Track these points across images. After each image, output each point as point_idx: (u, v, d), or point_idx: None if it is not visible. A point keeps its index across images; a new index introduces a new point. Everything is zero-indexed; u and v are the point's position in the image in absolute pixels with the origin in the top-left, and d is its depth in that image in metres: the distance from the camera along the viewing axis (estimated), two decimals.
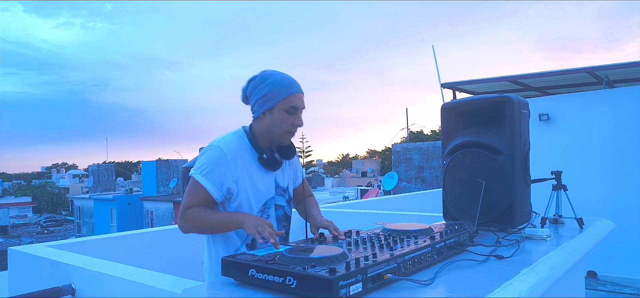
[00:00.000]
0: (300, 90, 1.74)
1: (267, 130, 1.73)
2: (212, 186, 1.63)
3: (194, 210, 1.64)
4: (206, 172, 1.64)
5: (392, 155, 18.78)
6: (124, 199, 25.71)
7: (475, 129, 2.27)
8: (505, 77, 5.89)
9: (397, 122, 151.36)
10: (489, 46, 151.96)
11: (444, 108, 2.41)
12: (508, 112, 2.16)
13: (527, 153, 2.25)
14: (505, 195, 2.16)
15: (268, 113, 1.70)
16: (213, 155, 1.65)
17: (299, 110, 1.73)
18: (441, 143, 2.45)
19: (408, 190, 17.26)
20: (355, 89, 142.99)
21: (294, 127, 1.73)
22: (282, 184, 1.83)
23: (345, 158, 76.80)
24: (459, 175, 2.32)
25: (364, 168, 52.54)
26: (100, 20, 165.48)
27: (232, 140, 1.71)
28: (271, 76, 1.71)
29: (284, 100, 1.69)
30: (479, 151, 2.22)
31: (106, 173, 32.02)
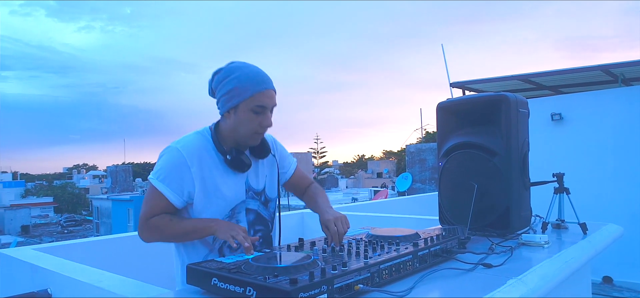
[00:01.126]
0: (269, 87, 1.58)
1: (232, 130, 1.59)
2: (171, 192, 1.52)
3: (157, 219, 1.53)
4: (163, 176, 1.53)
5: (406, 156, 18.58)
6: (141, 200, 25.85)
7: (471, 129, 2.17)
8: (516, 76, 5.72)
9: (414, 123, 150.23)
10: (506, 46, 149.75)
11: (439, 107, 2.31)
12: (504, 111, 2.05)
13: (525, 155, 2.14)
14: (501, 198, 2.05)
15: (233, 111, 1.56)
16: (171, 159, 1.54)
17: (268, 109, 1.58)
18: (437, 144, 2.35)
19: (422, 191, 17.03)
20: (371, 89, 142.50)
21: (262, 128, 1.59)
22: (255, 186, 1.69)
23: (361, 159, 76.55)
24: (454, 177, 2.21)
25: (380, 169, 52.23)
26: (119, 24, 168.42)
27: (193, 141, 1.59)
28: (238, 70, 1.56)
29: (251, 98, 1.53)
30: (474, 152, 2.12)
31: (124, 174, 32.49)
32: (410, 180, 17.36)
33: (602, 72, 5.54)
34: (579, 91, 5.89)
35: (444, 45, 7.57)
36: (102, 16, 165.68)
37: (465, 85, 6.10)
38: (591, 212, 2.37)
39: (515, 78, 5.72)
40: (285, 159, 1.85)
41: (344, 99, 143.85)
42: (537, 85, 6.04)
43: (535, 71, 5.76)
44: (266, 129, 1.61)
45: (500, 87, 6.24)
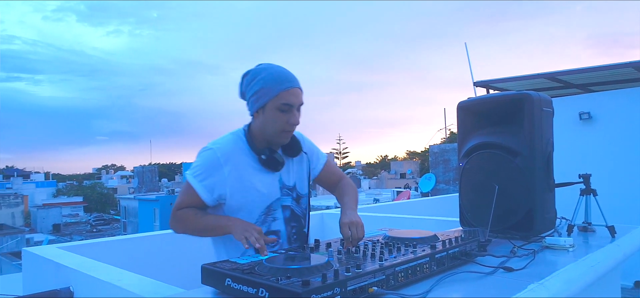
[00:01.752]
0: (295, 85, 1.61)
1: (262, 130, 1.64)
2: (203, 189, 1.59)
3: (185, 211, 1.61)
4: (198, 174, 1.60)
5: (430, 156, 18.36)
6: (166, 199, 26.48)
7: (493, 129, 2.11)
8: (542, 74, 5.57)
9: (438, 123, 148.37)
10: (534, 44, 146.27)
11: (459, 107, 2.27)
12: (527, 110, 1.99)
13: (550, 155, 2.07)
14: (524, 200, 1.99)
15: (261, 111, 1.61)
16: (206, 159, 1.61)
17: (294, 107, 1.61)
18: (458, 144, 2.30)
19: (446, 192, 16.78)
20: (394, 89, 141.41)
21: (290, 126, 1.61)
22: (287, 183, 1.72)
23: (384, 159, 76.05)
24: (475, 178, 2.16)
25: (403, 170, 51.75)
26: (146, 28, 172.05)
27: (228, 143, 1.65)
28: (264, 71, 1.61)
29: (277, 97, 1.57)
30: (496, 153, 2.06)
31: (150, 175, 33.14)
32: (434, 181, 17.14)
33: (633, 69, 5.34)
34: (608, 89, 5.70)
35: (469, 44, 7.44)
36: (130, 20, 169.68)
37: (489, 84, 5.97)
38: (620, 214, 2.28)
39: (541, 76, 5.56)
40: (314, 155, 1.85)
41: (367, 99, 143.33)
42: (565, 84, 5.86)
43: (562, 69, 5.60)
44: (293, 126, 1.63)
45: (525, 85, 6.09)
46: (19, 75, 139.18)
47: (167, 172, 70.92)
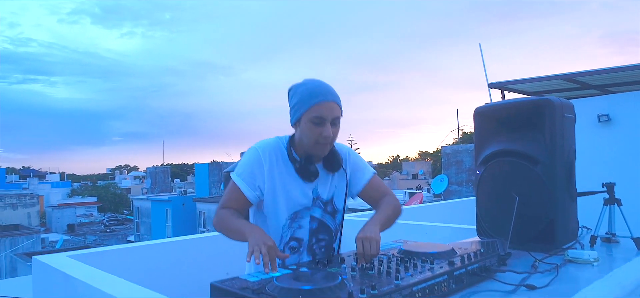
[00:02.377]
0: (329, 99, 1.61)
1: (300, 141, 1.68)
2: (245, 186, 1.64)
3: (224, 211, 1.64)
4: (241, 172, 1.66)
5: (442, 157, 18.18)
6: (179, 200, 26.66)
7: (511, 136, 2.04)
8: (559, 75, 5.43)
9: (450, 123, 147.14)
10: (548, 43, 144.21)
11: (477, 112, 2.19)
12: (548, 116, 1.91)
13: (572, 163, 1.99)
14: (545, 210, 1.91)
15: (298, 124, 1.66)
16: (249, 157, 1.69)
17: (327, 120, 1.60)
18: (475, 151, 2.23)
19: (459, 194, 16.60)
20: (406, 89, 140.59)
21: (323, 138, 1.60)
22: (323, 195, 1.73)
23: (396, 160, 75.69)
24: (493, 187, 2.09)
25: (415, 171, 51.41)
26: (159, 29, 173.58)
27: (271, 145, 1.71)
28: (302, 85, 1.66)
29: (309, 109, 1.60)
30: (516, 160, 1.99)
31: (163, 175, 33.40)
32: (447, 182, 16.97)
33: None
34: (628, 90, 5.54)
35: (482, 44, 7.33)
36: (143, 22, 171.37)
37: (504, 86, 5.85)
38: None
39: (558, 77, 5.43)
40: (358, 171, 1.84)
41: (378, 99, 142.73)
42: (582, 85, 5.72)
43: (580, 69, 5.46)
44: (327, 139, 1.62)
45: (542, 87, 5.95)
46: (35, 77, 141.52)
47: (179, 173, 71.43)
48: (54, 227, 39.24)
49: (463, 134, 48.00)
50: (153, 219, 28.11)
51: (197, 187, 27.86)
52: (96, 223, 47.00)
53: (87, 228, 43.37)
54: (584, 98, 5.55)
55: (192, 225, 25.50)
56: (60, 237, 29.09)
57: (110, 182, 70.19)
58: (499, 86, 5.87)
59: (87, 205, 53.62)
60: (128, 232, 37.39)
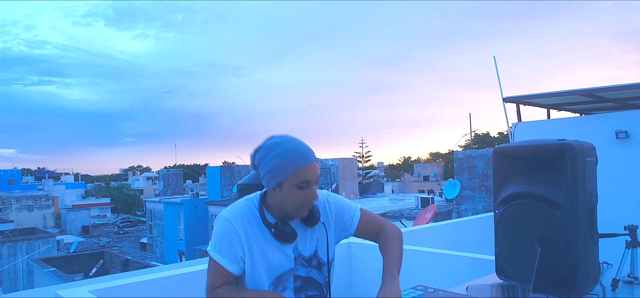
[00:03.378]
0: (311, 160, 1.57)
1: (279, 205, 1.60)
2: (227, 262, 1.57)
3: (221, 290, 1.57)
4: (219, 247, 1.58)
5: (454, 162, 18.06)
6: (191, 203, 26.87)
7: (531, 177, 2.02)
8: (577, 91, 5.37)
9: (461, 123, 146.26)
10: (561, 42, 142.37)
11: (496, 152, 2.18)
12: (569, 161, 1.89)
13: (593, 207, 1.97)
14: (566, 255, 1.89)
15: (278, 188, 1.57)
16: (223, 229, 1.60)
17: (312, 182, 1.57)
18: (493, 189, 2.22)
19: (472, 200, 16.48)
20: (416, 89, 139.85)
21: (309, 201, 1.58)
22: (304, 252, 1.67)
23: (407, 161, 75.39)
24: (513, 228, 2.07)
25: (426, 172, 51.14)
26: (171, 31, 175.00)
27: (242, 211, 1.63)
28: (278, 146, 1.57)
29: (294, 174, 1.53)
30: (536, 203, 1.97)
31: (175, 178, 33.71)
32: (459, 188, 16.85)
33: None
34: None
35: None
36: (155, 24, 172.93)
37: (520, 100, 5.80)
38: None
39: (575, 92, 5.37)
40: (345, 214, 1.78)
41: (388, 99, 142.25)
42: (600, 99, 5.65)
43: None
44: (312, 201, 1.58)
45: (558, 101, 5.89)
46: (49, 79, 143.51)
47: (191, 174, 71.95)
48: (68, 229, 39.83)
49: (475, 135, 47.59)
50: (166, 222, 28.36)
51: (209, 190, 28.06)
52: (110, 224, 47.59)
53: (101, 229, 43.92)
54: (601, 113, 5.48)
55: (204, 228, 25.70)
56: (75, 239, 29.49)
57: (123, 183, 70.99)
58: (514, 100, 5.82)
59: (101, 206, 54.31)
60: (141, 234, 37.78)
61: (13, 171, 59.85)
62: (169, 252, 27.53)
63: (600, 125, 5.23)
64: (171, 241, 27.70)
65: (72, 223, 41.18)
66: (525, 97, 5.68)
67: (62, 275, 10.99)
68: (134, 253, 23.93)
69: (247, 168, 27.78)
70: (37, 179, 70.27)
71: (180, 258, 25.96)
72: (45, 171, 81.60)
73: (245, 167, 27.50)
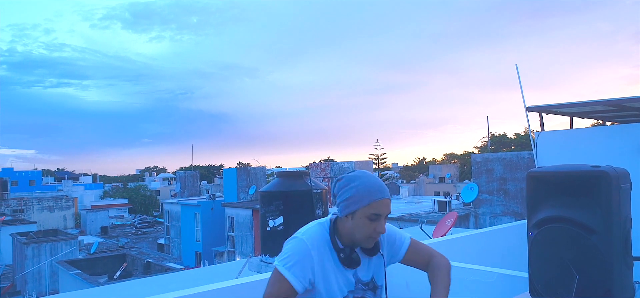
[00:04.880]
0: (385, 197, 1.70)
1: (350, 232, 1.73)
2: (295, 279, 1.66)
3: None
4: (290, 264, 1.67)
5: (472, 165, 17.96)
6: (207, 205, 27.15)
7: (565, 201, 2.07)
8: (602, 101, 5.35)
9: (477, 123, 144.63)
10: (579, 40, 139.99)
11: (530, 176, 2.24)
12: (604, 188, 1.94)
13: (628, 232, 2.01)
14: (601, 280, 1.94)
15: (350, 216, 1.70)
16: (297, 248, 1.70)
17: (382, 216, 1.70)
18: (526, 211, 2.27)
19: (489, 203, 16.37)
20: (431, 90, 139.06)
21: (376, 233, 1.71)
22: (363, 278, 1.80)
23: (422, 162, 74.90)
24: (547, 250, 2.13)
25: (442, 174, 50.80)
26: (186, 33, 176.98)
27: (316, 234, 1.75)
28: (357, 179, 1.71)
29: (367, 206, 1.67)
30: (570, 228, 2.02)
31: (192, 179, 34.09)
32: (477, 191, 16.74)
33: None
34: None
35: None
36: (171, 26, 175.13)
37: (543, 110, 5.80)
38: None
39: (600, 103, 5.35)
40: (396, 241, 1.92)
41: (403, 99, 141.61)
42: (626, 108, 5.62)
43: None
44: (379, 234, 1.71)
45: (583, 110, 5.87)
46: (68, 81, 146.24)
47: (206, 175, 72.54)
48: (88, 229, 40.54)
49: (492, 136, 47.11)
50: (183, 223, 28.72)
51: (225, 192, 28.34)
52: (128, 225, 48.28)
53: (119, 230, 44.59)
54: (628, 123, 5.45)
55: (220, 229, 25.95)
56: (95, 240, 30.04)
57: (140, 184, 71.92)
58: (538, 110, 5.81)
59: (119, 206, 55.13)
60: (158, 235, 38.27)
61: (33, 172, 61.09)
62: (186, 253, 27.86)
63: (626, 135, 5.21)
64: (188, 242, 28.04)
65: (91, 224, 41.91)
66: (549, 107, 5.67)
67: (86, 277, 11.25)
68: (153, 254, 24.27)
69: (263, 169, 27.98)
70: (56, 180, 71.60)
71: (198, 259, 26.25)
72: (65, 172, 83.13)
73: (260, 169, 27.68)
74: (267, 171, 29.64)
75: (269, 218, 5.56)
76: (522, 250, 2.29)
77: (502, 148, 42.66)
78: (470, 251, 3.99)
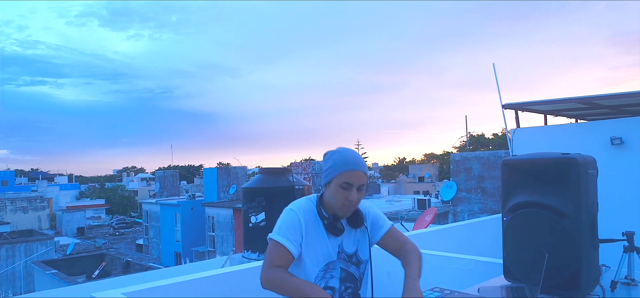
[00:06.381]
0: (358, 168, 1.84)
1: (328, 201, 1.90)
2: (289, 243, 1.82)
3: (276, 271, 1.78)
4: (283, 231, 1.85)
5: (451, 164, 18.29)
6: (187, 205, 26.89)
7: (537, 188, 2.19)
8: (573, 98, 5.56)
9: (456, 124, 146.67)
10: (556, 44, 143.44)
11: (504, 163, 2.35)
12: (573, 173, 2.07)
13: (594, 216, 2.15)
14: (570, 260, 2.07)
15: (328, 185, 1.88)
16: (288, 217, 1.89)
17: (353, 186, 1.83)
18: (501, 197, 2.39)
19: (468, 201, 16.71)
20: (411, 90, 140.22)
21: (348, 201, 1.84)
22: (348, 250, 1.94)
23: (402, 162, 75.61)
24: (520, 234, 2.25)
25: (421, 174, 51.43)
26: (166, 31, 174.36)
27: (304, 205, 1.94)
28: (337, 153, 1.89)
29: (339, 175, 1.83)
30: (542, 212, 2.14)
31: (171, 179, 33.70)
32: (455, 189, 17.06)
33: None
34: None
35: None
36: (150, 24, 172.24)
37: (519, 107, 5.99)
38: None
39: (572, 100, 5.56)
40: (377, 223, 2.04)
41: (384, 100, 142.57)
42: (596, 106, 5.85)
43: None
44: (352, 203, 1.84)
45: (556, 108, 6.08)
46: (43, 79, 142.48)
47: (186, 175, 71.74)
48: (64, 230, 39.65)
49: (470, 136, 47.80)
50: (162, 223, 28.37)
51: (205, 191, 28.10)
52: (105, 226, 47.41)
53: (97, 231, 43.75)
54: (597, 120, 5.68)
55: (200, 229, 25.75)
56: (72, 240, 29.41)
57: (118, 184, 70.69)
58: (513, 107, 6.00)
59: (96, 207, 54.08)
60: (137, 236, 37.71)
61: (6, 172, 59.45)
62: (166, 254, 27.53)
63: (596, 131, 5.43)
64: (168, 243, 27.71)
65: (67, 224, 40.99)
66: (524, 104, 5.87)
67: (64, 277, 11.06)
68: (132, 254, 23.93)
69: (243, 169, 27.87)
70: (30, 180, 69.81)
71: (177, 259, 25.99)
72: (39, 172, 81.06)
73: (241, 169, 27.58)
74: (248, 171, 29.54)
75: (251, 214, 5.60)
76: (498, 240, 2.40)
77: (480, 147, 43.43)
78: (450, 242, 4.11)
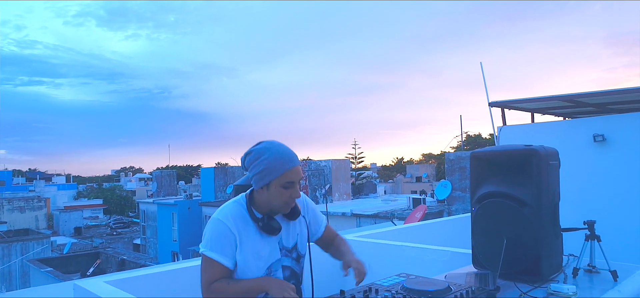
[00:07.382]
0: (296, 164, 1.81)
1: (266, 202, 1.82)
2: (223, 257, 1.75)
3: (218, 284, 1.73)
4: (213, 246, 1.76)
5: (446, 164, 18.38)
6: (185, 204, 26.96)
7: (503, 178, 2.28)
8: (558, 96, 5.66)
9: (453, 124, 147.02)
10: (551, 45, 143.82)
11: (473, 156, 2.44)
12: (535, 164, 2.16)
13: (556, 205, 2.24)
14: (531, 247, 2.15)
15: (266, 188, 1.79)
16: (216, 228, 1.78)
17: (296, 183, 1.80)
18: (470, 189, 2.48)
19: (462, 200, 16.82)
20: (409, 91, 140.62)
21: (292, 200, 1.82)
22: (287, 245, 1.90)
23: (400, 162, 75.76)
24: (487, 223, 2.34)
25: (419, 173, 51.59)
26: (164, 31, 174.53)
27: (231, 210, 1.83)
28: (267, 151, 1.79)
29: (281, 176, 1.76)
30: (506, 202, 2.23)
31: (168, 179, 33.74)
32: (450, 188, 17.18)
33: None
34: (626, 109, 5.76)
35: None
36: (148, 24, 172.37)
37: (505, 105, 6.09)
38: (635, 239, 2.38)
39: (556, 98, 5.66)
40: (317, 219, 2.07)
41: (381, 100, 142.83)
42: (580, 104, 5.95)
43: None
44: (295, 200, 1.84)
45: (542, 105, 6.18)
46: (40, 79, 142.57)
47: (184, 175, 71.73)
48: (61, 230, 39.67)
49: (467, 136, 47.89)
50: (159, 222, 28.44)
51: (203, 191, 28.18)
52: (102, 225, 47.45)
53: (94, 231, 43.78)
54: (581, 117, 5.78)
55: (198, 229, 25.83)
56: (69, 240, 29.46)
57: (116, 184, 70.68)
58: (499, 105, 6.10)
59: (93, 207, 54.10)
60: (134, 235, 37.77)
61: (4, 172, 59.37)
62: (163, 253, 27.59)
63: (579, 129, 5.53)
64: (165, 242, 27.77)
65: (64, 224, 41.02)
66: (510, 102, 5.97)
67: (59, 275, 11.13)
68: (128, 254, 23.99)
69: (240, 169, 27.99)
70: (28, 180, 69.73)
71: (174, 259, 26.04)
72: (37, 172, 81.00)
73: (238, 168, 27.66)
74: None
75: None
76: None
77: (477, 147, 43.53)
78: (432, 236, 4.21)
